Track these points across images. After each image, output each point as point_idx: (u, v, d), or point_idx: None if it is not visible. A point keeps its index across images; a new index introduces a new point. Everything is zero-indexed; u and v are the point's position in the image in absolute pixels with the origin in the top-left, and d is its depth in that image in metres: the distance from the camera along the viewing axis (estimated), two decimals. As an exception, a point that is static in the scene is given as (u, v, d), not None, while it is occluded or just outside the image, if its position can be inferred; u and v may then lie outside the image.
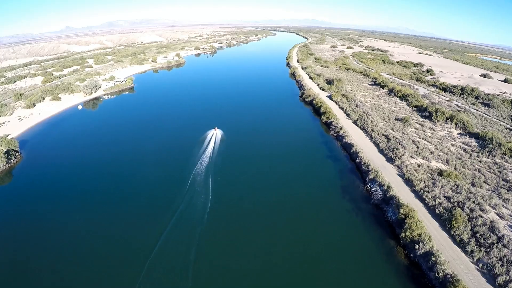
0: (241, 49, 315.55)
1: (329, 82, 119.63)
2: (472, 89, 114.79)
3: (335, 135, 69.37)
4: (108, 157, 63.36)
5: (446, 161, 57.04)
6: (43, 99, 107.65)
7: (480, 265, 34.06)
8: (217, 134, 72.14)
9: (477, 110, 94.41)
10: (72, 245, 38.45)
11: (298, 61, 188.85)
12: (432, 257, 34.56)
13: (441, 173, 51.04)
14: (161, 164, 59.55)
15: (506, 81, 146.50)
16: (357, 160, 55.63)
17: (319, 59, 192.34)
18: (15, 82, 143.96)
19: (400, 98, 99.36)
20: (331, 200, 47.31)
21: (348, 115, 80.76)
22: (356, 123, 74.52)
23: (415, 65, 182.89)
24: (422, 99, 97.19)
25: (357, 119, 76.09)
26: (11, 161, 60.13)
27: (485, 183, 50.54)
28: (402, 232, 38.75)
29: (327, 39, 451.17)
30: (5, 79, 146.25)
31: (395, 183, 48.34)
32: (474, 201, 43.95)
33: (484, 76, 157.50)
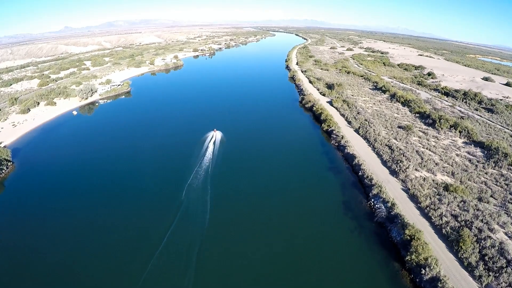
0: (240, 51, 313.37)
1: (330, 87, 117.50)
2: (475, 94, 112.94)
3: (336, 145, 67.22)
4: (104, 165, 61.82)
5: (452, 174, 55.10)
6: (38, 104, 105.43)
7: (490, 292, 32.11)
8: (217, 136, 73.00)
9: (481, 116, 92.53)
10: (69, 257, 37.54)
11: (298, 64, 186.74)
12: (439, 284, 32.66)
13: (447, 188, 49.10)
14: (160, 169, 59.08)
15: (509, 85, 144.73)
16: (360, 173, 53.55)
17: (319, 62, 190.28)
18: (11, 85, 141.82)
19: (402, 104, 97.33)
20: (333, 218, 45.21)
21: (350, 123, 78.64)
22: (358, 132, 72.37)
23: (416, 68, 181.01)
24: (425, 105, 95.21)
25: (359, 127, 73.98)
26: (3, 172, 57.86)
27: (492, 198, 48.75)
28: (408, 255, 36.69)
29: (327, 40, 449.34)
30: (1, 82, 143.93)
31: (400, 199, 46.29)
32: (482, 220, 42.01)
33: (486, 80, 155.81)
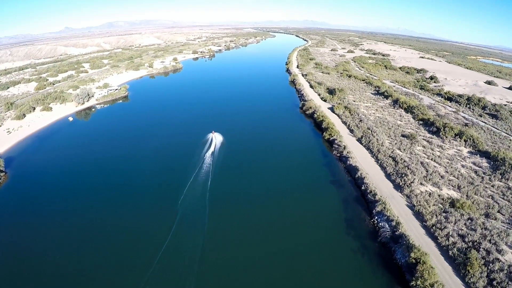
0: (240, 53, 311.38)
1: (331, 92, 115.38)
2: (479, 99, 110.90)
3: (338, 155, 65.04)
4: (101, 173, 60.67)
5: (458, 187, 53.07)
6: (34, 109, 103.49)
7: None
8: (215, 137, 74.28)
9: (485, 123, 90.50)
10: (67, 265, 37.06)
11: (298, 67, 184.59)
12: (448, 313, 30.60)
13: (453, 204, 47.08)
14: (158, 174, 58.91)
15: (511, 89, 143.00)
16: (363, 187, 51.44)
17: (320, 65, 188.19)
18: (8, 88, 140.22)
19: (405, 110, 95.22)
20: (335, 236, 43.14)
21: (352, 131, 76.48)
22: (361, 141, 70.21)
23: (418, 71, 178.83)
24: (428, 111, 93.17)
25: (362, 137, 71.85)
26: (-6, 183, 56.15)
27: (500, 213, 46.90)
28: (413, 280, 34.67)
29: (327, 42, 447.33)
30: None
31: (405, 217, 44.23)
32: (490, 240, 40.07)
33: (489, 83, 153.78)
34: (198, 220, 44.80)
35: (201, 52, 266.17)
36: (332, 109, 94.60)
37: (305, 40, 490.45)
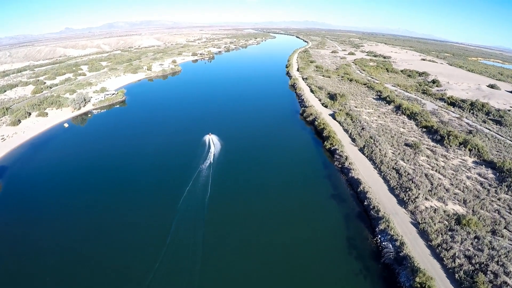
0: (240, 54, 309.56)
1: (332, 97, 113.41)
2: (483, 105, 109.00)
3: (340, 167, 62.95)
4: (99, 181, 59.39)
5: (463, 202, 51.22)
6: (29, 115, 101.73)
7: None
8: (212, 139, 75.87)
9: (490, 130, 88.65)
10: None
11: (299, 70, 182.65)
12: None
13: (459, 220, 45.25)
14: (156, 182, 58.46)
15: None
16: (365, 202, 49.46)
17: (320, 68, 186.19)
18: (5, 92, 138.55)
19: (408, 117, 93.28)
20: (336, 256, 41.19)
21: (354, 140, 74.43)
22: (363, 151, 68.14)
23: (420, 74, 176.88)
24: (431, 118, 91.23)
25: (364, 146, 69.82)
26: (-14, 194, 54.48)
27: (506, 230, 45.11)
28: (420, 308, 32.83)
29: (328, 43, 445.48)
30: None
31: (409, 236, 42.33)
32: (498, 261, 38.20)
33: (492, 87, 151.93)
34: (196, 236, 43.29)
35: (201, 54, 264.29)
36: (333, 116, 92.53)
37: (306, 42, 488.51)
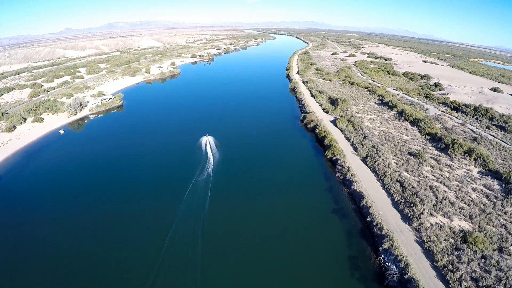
0: (240, 56, 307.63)
1: (333, 102, 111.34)
2: (486, 110, 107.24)
3: (342, 178, 60.73)
4: (94, 191, 57.52)
5: (469, 217, 49.21)
6: (25, 120, 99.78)
7: None
8: (209, 141, 76.43)
9: (494, 137, 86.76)
10: None
11: (299, 73, 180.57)
12: None
13: (465, 238, 43.31)
14: (153, 191, 57.36)
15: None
16: (368, 218, 47.32)
17: (321, 70, 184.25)
18: (2, 95, 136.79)
19: (411, 123, 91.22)
20: (338, 277, 39.11)
21: (356, 150, 72.18)
22: (365, 161, 65.93)
23: (422, 77, 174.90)
24: (435, 124, 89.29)
25: (366, 156, 67.62)
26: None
27: (514, 247, 43.14)
28: None
29: (328, 44, 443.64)
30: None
31: (414, 256, 40.30)
32: (506, 284, 36.22)
33: (495, 90, 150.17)
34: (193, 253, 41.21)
35: (200, 56, 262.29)
36: (335, 123, 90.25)
37: (306, 43, 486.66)
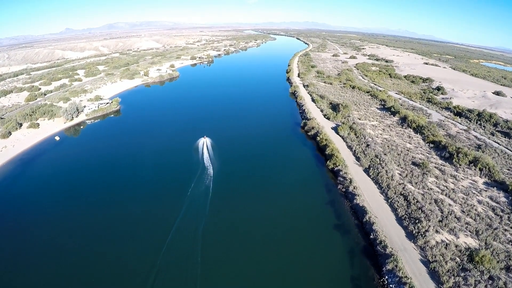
0: (240, 57, 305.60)
1: (334, 108, 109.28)
2: (490, 115, 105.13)
3: (344, 191, 58.66)
4: (91, 200, 56.67)
5: (476, 233, 47.32)
6: (20, 126, 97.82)
7: None
8: (207, 142, 77.43)
9: (499, 144, 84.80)
10: None
11: (299, 76, 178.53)
12: None
13: (472, 257, 41.48)
14: (151, 198, 57.30)
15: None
16: (372, 236, 45.45)
17: (322, 73, 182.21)
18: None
19: (415, 130, 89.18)
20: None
21: (358, 159, 70.11)
22: (368, 173, 63.88)
23: (424, 80, 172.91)
24: (439, 131, 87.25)
25: (369, 167, 65.56)
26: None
27: (521, 265, 41.30)
28: None
29: (328, 46, 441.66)
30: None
31: (419, 278, 38.43)
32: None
33: (498, 94, 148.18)
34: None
35: (200, 58, 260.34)
36: (336, 130, 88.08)
37: (306, 44, 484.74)
